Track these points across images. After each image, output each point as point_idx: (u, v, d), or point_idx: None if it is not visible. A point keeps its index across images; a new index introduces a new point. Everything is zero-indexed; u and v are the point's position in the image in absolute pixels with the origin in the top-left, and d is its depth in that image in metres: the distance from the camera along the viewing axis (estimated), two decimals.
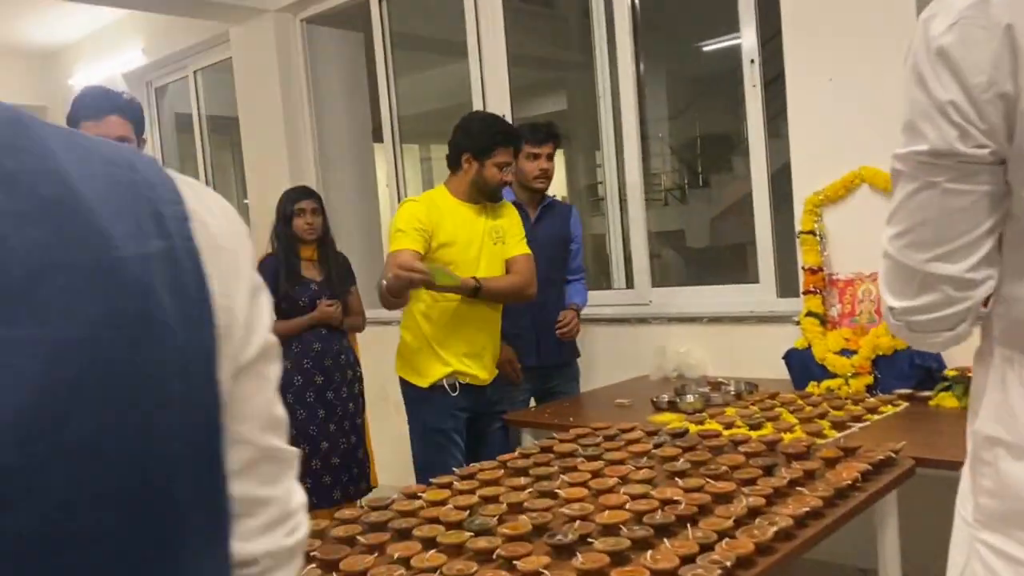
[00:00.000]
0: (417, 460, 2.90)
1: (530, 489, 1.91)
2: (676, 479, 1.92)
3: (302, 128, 5.05)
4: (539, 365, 3.24)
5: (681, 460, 2.06)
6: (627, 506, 1.74)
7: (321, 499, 3.42)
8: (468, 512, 1.81)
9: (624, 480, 1.96)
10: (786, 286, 3.46)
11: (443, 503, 1.88)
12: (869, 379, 2.80)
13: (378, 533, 1.72)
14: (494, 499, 1.90)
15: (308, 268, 3.52)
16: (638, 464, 2.07)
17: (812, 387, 2.90)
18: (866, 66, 2.93)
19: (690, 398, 2.80)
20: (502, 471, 2.12)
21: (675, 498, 1.76)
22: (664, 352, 3.39)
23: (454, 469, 2.15)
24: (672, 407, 2.80)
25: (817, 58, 3.06)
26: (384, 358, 4.78)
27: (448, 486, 2.04)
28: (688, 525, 1.64)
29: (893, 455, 1.99)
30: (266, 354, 0.59)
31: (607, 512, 1.71)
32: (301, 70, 5.02)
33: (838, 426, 2.37)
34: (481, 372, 2.88)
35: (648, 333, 3.60)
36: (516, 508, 1.83)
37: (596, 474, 2.03)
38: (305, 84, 5.02)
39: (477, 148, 2.69)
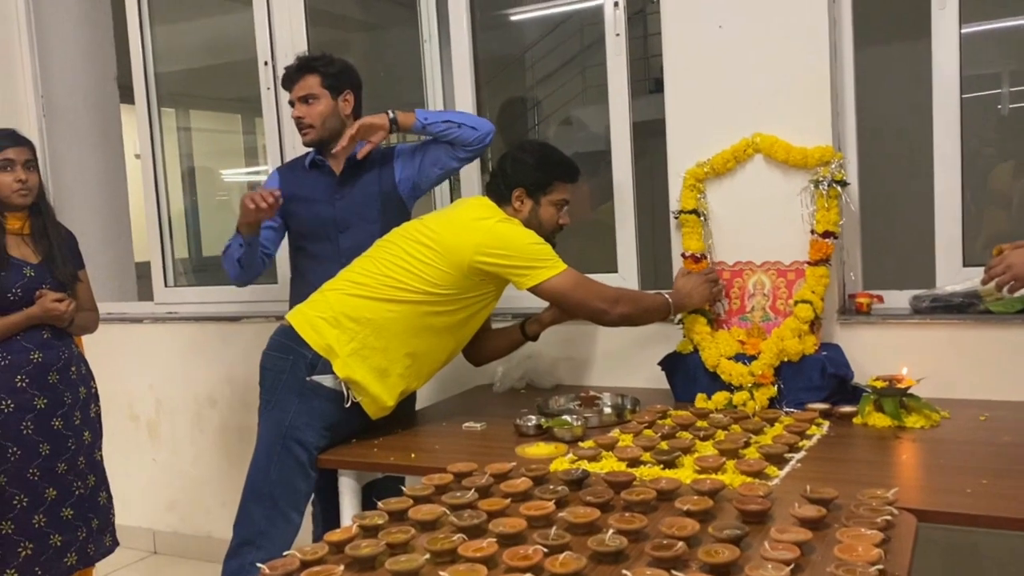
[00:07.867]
0: (261, 475, 2.11)
1: None
2: (624, 573, 1.24)
3: (18, 61, 3.84)
4: None
5: (608, 532, 1.39)
6: None
7: (48, 568, 2.41)
8: None
9: None
10: (650, 278, 2.91)
11: None
12: (773, 391, 2.28)
13: None
14: None
15: (18, 245, 2.47)
16: (546, 542, 1.37)
17: (702, 400, 2.34)
18: (763, 9, 2.42)
19: (567, 421, 2.13)
20: (340, 560, 1.33)
21: None
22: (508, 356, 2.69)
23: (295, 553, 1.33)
24: (543, 433, 2.12)
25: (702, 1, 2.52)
26: (122, 363, 3.68)
27: None
28: None
29: (893, 512, 1.44)
30: None
31: None
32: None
33: (773, 460, 1.81)
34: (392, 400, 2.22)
35: None
36: None
37: (490, 564, 1.30)
38: (24, 12, 3.83)
39: (532, 182, 2.23)
